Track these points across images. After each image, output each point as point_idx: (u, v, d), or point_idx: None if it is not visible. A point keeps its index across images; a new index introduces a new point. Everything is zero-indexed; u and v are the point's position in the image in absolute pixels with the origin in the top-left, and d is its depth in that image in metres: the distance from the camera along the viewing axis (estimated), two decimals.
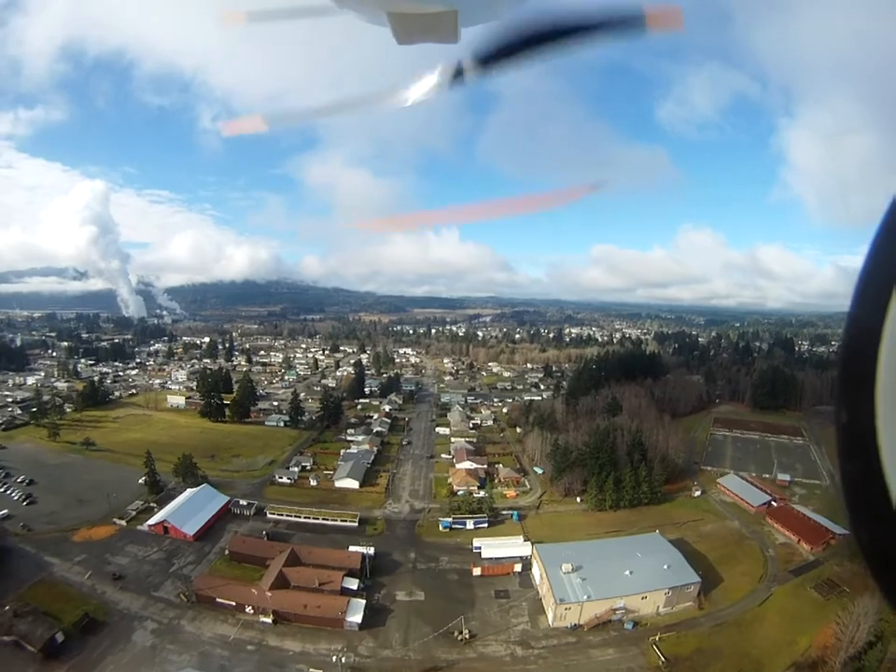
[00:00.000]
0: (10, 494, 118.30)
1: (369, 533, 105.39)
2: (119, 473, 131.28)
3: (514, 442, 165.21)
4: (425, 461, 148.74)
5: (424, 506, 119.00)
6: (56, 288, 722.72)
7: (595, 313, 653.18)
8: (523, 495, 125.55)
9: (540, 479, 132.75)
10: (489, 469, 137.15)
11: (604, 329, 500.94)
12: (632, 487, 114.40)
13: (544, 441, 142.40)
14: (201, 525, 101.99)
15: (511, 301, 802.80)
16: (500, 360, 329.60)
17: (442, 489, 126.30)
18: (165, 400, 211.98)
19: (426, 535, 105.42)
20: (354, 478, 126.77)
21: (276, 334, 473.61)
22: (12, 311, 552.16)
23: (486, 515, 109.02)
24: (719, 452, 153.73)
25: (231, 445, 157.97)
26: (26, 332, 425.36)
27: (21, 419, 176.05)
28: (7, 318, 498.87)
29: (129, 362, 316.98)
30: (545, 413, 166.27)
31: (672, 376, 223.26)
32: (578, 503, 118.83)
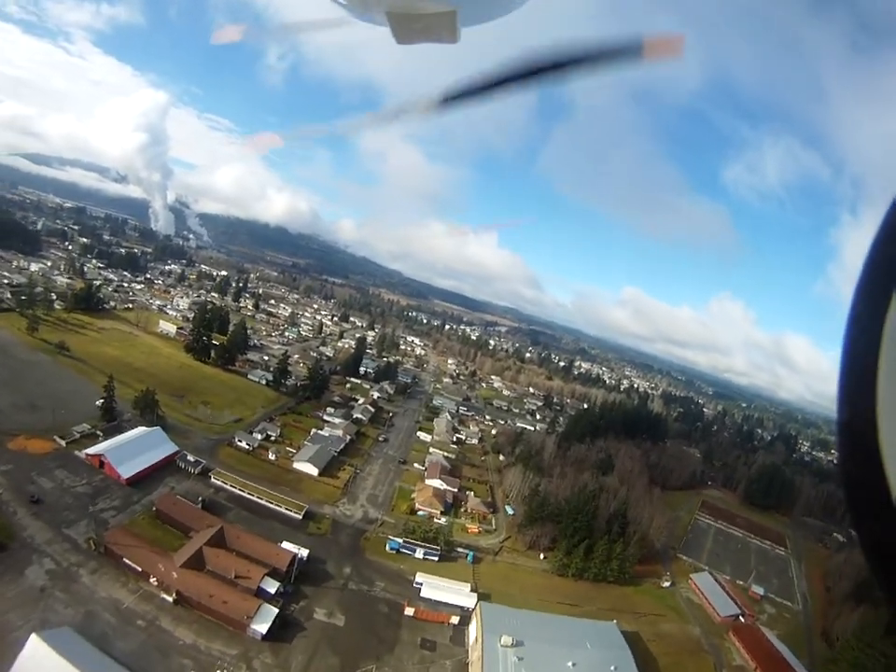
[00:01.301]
0: None
1: (310, 531, 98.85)
2: (80, 387, 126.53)
3: (493, 471, 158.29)
4: (395, 466, 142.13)
5: (378, 516, 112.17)
6: (94, 185, 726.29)
7: (609, 352, 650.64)
8: (485, 534, 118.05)
9: (509, 521, 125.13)
10: (459, 494, 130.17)
11: (614, 371, 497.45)
12: (602, 561, 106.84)
13: (524, 481, 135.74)
14: (138, 469, 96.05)
15: (531, 319, 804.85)
16: (504, 376, 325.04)
17: (403, 503, 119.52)
18: (157, 324, 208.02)
19: (369, 551, 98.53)
20: (314, 464, 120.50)
21: (293, 287, 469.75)
22: (45, 195, 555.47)
23: (440, 548, 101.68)
24: (699, 542, 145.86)
25: (203, 390, 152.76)
26: (51, 219, 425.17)
27: (7, 304, 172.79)
28: (38, 201, 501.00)
29: (138, 275, 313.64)
30: (533, 449, 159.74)
31: (670, 444, 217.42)
32: (540, 560, 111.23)
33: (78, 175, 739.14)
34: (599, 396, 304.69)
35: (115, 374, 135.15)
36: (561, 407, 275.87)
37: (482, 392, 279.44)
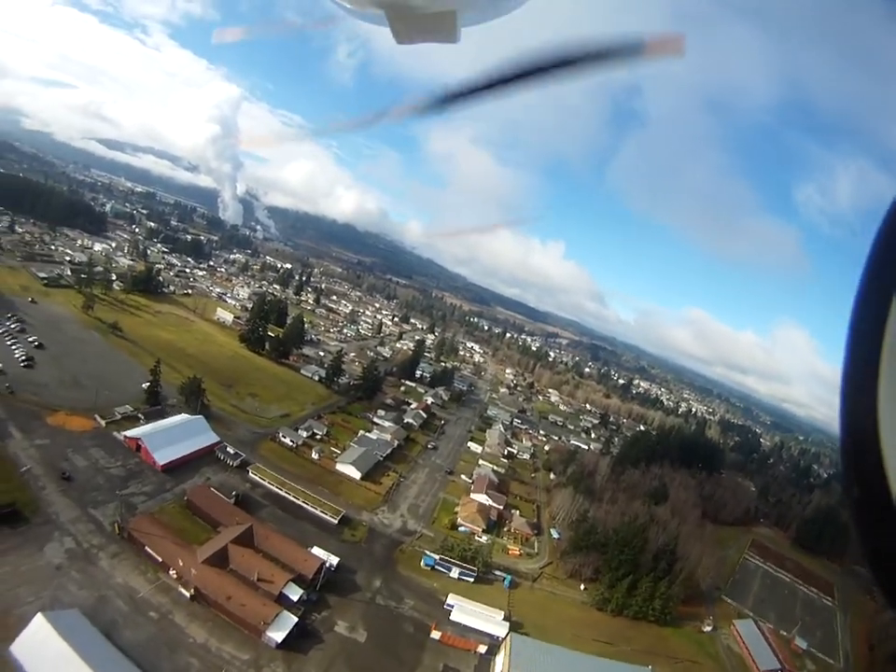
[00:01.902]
0: (14, 350, 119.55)
1: (344, 538, 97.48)
2: (128, 369, 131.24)
3: (542, 490, 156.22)
4: (442, 476, 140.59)
5: (417, 528, 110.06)
6: (166, 173, 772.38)
7: (668, 373, 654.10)
8: (526, 557, 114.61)
9: (552, 545, 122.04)
10: (504, 511, 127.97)
11: (672, 393, 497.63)
12: (644, 599, 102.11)
13: (573, 504, 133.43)
14: (175, 457, 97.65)
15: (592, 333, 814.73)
16: (562, 390, 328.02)
17: (445, 517, 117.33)
18: (214, 312, 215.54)
19: (403, 565, 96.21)
20: (357, 467, 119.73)
21: (356, 285, 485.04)
22: (117, 178, 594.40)
23: (477, 569, 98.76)
24: (745, 584, 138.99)
25: (253, 381, 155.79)
26: (120, 202, 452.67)
27: (66, 280, 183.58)
28: (110, 184, 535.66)
29: (202, 262, 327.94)
30: (586, 470, 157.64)
31: (726, 475, 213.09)
32: (580, 591, 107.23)
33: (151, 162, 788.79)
34: (657, 418, 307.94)
35: (165, 359, 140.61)
36: (617, 427, 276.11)
37: (538, 405, 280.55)
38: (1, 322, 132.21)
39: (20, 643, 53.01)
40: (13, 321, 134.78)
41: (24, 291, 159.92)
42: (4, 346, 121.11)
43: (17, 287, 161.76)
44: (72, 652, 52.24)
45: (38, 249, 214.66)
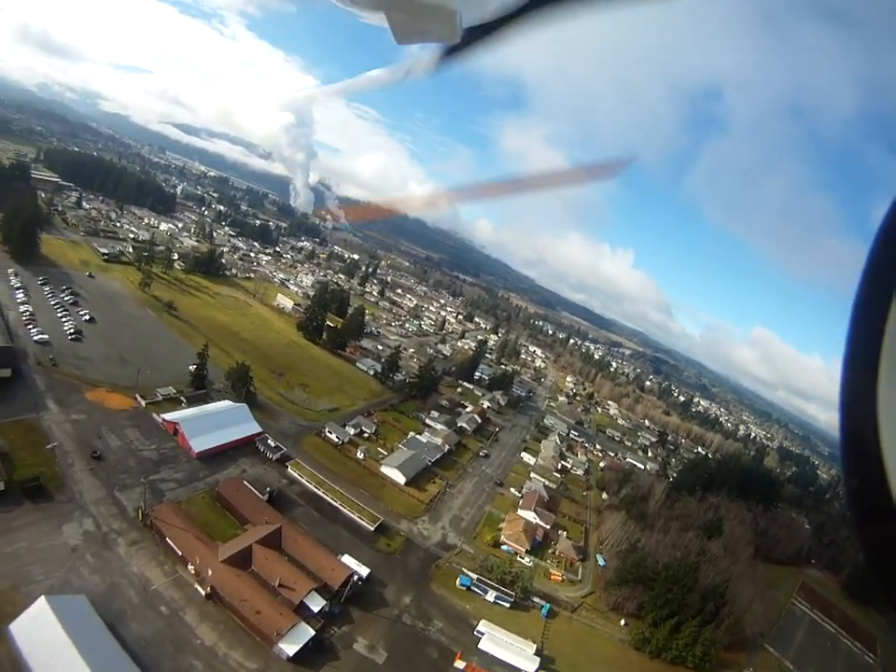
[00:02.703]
0: (64, 323, 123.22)
1: (379, 546, 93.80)
2: (177, 349, 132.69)
3: (593, 510, 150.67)
4: (490, 487, 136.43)
5: (457, 543, 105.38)
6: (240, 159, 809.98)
7: (728, 393, 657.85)
8: (568, 584, 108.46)
9: (597, 572, 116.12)
10: (551, 531, 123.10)
11: (731, 414, 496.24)
12: (686, 644, 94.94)
13: (624, 531, 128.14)
14: (212, 445, 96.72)
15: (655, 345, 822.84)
16: (621, 403, 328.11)
17: (489, 533, 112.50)
18: (275, 297, 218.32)
19: (438, 582, 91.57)
20: (403, 472, 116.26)
21: (422, 280, 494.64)
22: (191, 162, 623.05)
23: (514, 595, 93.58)
24: (790, 632, 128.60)
25: (306, 371, 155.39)
26: (192, 185, 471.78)
27: (127, 257, 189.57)
28: (183, 167, 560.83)
29: (268, 247, 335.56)
30: (640, 493, 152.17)
31: (781, 509, 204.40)
32: (620, 626, 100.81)
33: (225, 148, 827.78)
34: (715, 441, 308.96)
35: (217, 342, 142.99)
36: (675, 447, 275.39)
37: (596, 417, 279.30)
38: (55, 294, 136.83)
39: (19, 623, 52.05)
40: (67, 294, 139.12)
41: (83, 266, 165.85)
42: (54, 318, 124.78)
43: (76, 261, 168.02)
44: (68, 640, 50.70)
45: (103, 226, 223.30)
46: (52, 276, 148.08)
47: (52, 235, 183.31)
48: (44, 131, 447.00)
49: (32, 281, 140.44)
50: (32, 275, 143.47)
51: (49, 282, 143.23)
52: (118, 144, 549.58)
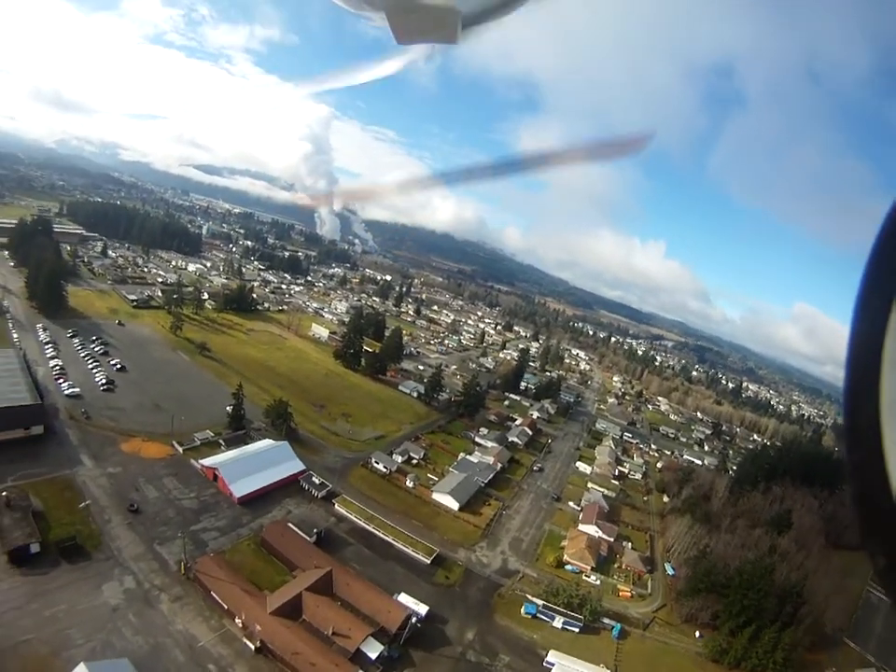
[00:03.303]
0: (95, 374, 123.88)
1: (437, 580, 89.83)
2: (213, 391, 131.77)
3: (655, 515, 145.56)
4: (548, 503, 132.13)
5: (519, 568, 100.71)
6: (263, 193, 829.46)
7: (777, 374, 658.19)
8: (638, 599, 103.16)
9: (667, 582, 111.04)
10: (615, 544, 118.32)
11: (782, 395, 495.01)
12: (765, 651, 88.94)
13: (690, 534, 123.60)
14: (254, 488, 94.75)
15: (697, 333, 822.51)
16: (671, 398, 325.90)
17: (551, 553, 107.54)
18: (309, 328, 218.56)
19: (501, 612, 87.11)
20: (456, 497, 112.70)
21: (457, 294, 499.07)
22: (215, 201, 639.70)
23: (584, 618, 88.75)
24: (868, 622, 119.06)
25: (347, 400, 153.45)
26: (218, 223, 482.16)
27: (156, 301, 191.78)
28: (208, 206, 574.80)
29: (299, 277, 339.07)
30: (701, 492, 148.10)
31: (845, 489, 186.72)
32: (695, 638, 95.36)
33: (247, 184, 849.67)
34: (770, 425, 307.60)
35: (254, 379, 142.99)
36: (731, 437, 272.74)
37: (647, 415, 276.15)
38: (85, 346, 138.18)
39: None
40: (97, 344, 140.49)
41: (112, 314, 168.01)
42: (85, 370, 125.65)
43: (105, 310, 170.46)
44: None
45: (130, 272, 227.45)
46: (81, 328, 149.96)
47: (79, 287, 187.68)
48: (66, 185, 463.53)
49: (61, 334, 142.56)
50: (60, 328, 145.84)
51: (79, 333, 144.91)
52: (140, 191, 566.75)
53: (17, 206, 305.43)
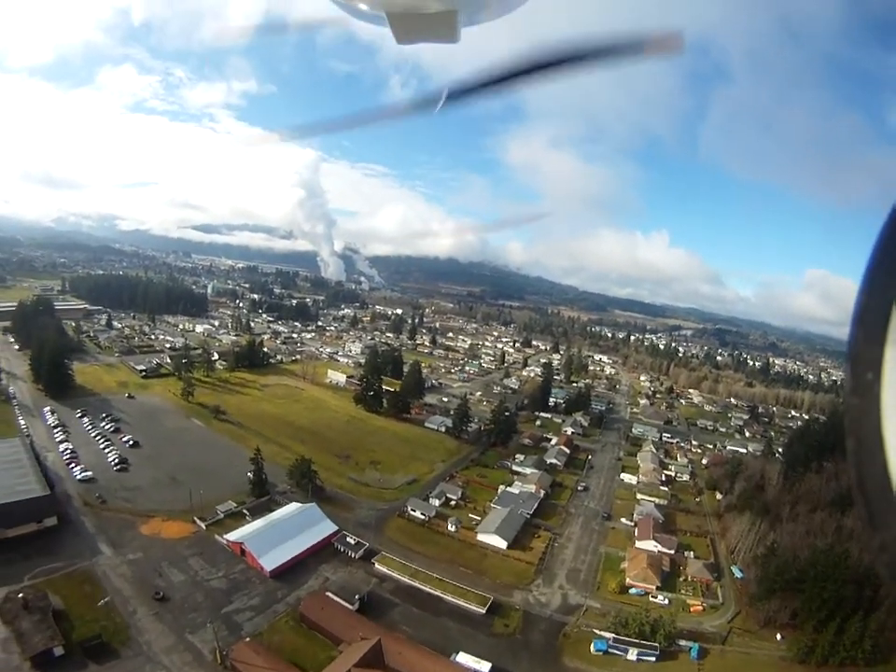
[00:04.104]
0: (107, 454, 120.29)
1: (496, 630, 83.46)
2: (231, 457, 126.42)
3: (712, 516, 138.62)
4: (598, 523, 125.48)
5: (580, 601, 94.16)
6: (263, 244, 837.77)
7: (799, 343, 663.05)
8: (710, 611, 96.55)
9: (737, 586, 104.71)
10: (676, 556, 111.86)
11: (808, 364, 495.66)
12: (852, 642, 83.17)
13: (753, 531, 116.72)
14: (285, 559, 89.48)
15: (714, 317, 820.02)
16: (701, 388, 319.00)
17: (611, 579, 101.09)
18: (326, 375, 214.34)
19: (569, 653, 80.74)
20: (502, 535, 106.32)
21: (470, 316, 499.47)
22: (218, 259, 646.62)
23: (658, 645, 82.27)
24: None
25: (374, 446, 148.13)
26: (222, 280, 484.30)
27: (166, 368, 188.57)
28: (211, 265, 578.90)
29: (309, 324, 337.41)
30: (754, 483, 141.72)
31: None
32: (777, 642, 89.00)
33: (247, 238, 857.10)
34: (806, 399, 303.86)
35: (273, 437, 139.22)
36: (769, 418, 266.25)
37: (681, 410, 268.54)
38: (95, 424, 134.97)
39: None
40: (108, 421, 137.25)
41: (121, 387, 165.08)
42: (96, 450, 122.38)
43: (113, 384, 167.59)
44: None
45: (137, 342, 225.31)
46: (90, 406, 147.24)
47: (86, 363, 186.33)
48: (67, 261, 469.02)
49: (70, 415, 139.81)
50: (69, 409, 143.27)
51: (88, 412, 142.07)
52: (142, 258, 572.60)
53: (19, 288, 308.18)
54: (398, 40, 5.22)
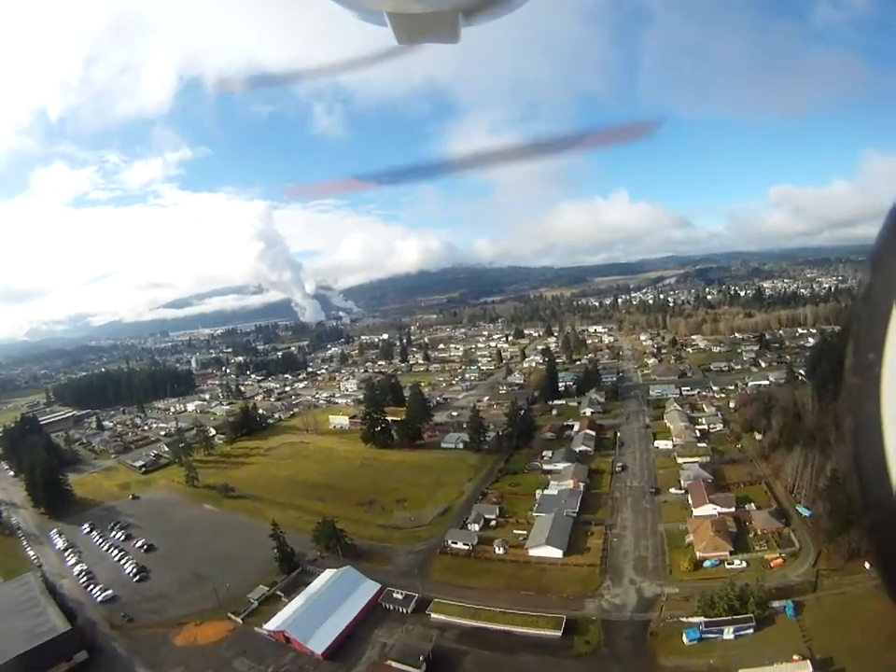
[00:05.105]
0: (123, 566, 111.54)
1: (578, 650, 74.79)
2: (251, 535, 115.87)
3: (758, 459, 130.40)
4: (648, 500, 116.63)
5: (657, 591, 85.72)
6: (237, 304, 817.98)
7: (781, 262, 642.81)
8: (791, 560, 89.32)
9: (808, 526, 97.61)
10: (739, 512, 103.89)
11: (797, 279, 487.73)
12: None
13: (810, 467, 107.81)
14: (334, 636, 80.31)
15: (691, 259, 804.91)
16: (703, 331, 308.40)
17: (681, 558, 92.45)
18: (327, 421, 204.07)
19: (663, 651, 72.62)
20: (555, 544, 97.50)
21: (456, 322, 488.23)
22: (196, 331, 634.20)
23: (753, 615, 74.89)
24: None
25: (395, 483, 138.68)
26: (205, 351, 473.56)
27: (165, 457, 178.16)
28: (190, 339, 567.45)
29: (299, 372, 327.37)
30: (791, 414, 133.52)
31: None
32: (868, 571, 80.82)
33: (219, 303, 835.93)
34: (808, 313, 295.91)
35: (289, 501, 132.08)
36: (780, 343, 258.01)
37: (691, 357, 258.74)
38: (105, 536, 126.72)
39: None
40: (117, 530, 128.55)
41: (124, 490, 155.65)
42: (112, 564, 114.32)
43: (115, 488, 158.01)
44: None
45: (131, 437, 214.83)
46: (96, 517, 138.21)
47: (83, 472, 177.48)
48: (48, 371, 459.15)
49: (77, 533, 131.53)
50: (75, 527, 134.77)
51: (96, 525, 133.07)
52: (121, 349, 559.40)
53: (5, 410, 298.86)
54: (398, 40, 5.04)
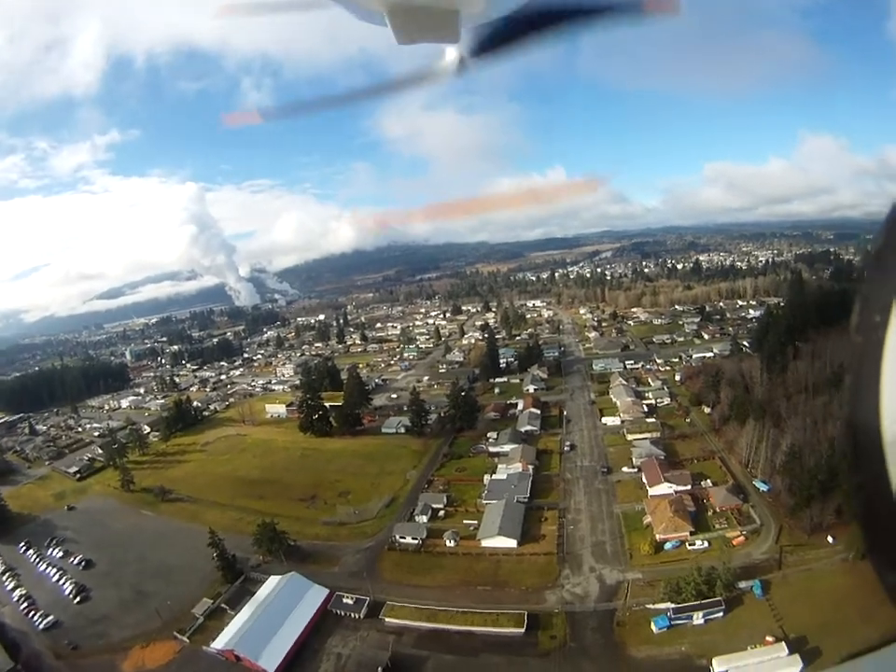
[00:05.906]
0: (63, 586, 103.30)
1: (544, 646, 71.75)
2: (191, 542, 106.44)
3: (709, 433, 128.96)
4: (600, 480, 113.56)
5: (619, 577, 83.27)
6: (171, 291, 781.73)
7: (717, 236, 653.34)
8: (752, 536, 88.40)
9: (767, 501, 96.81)
10: (695, 490, 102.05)
11: (733, 253, 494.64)
12: None
13: (765, 440, 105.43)
14: (285, 650, 75.04)
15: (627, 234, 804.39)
16: (643, 304, 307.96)
17: (641, 540, 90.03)
18: (264, 411, 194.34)
19: (632, 642, 70.39)
20: (508, 534, 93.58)
21: (393, 301, 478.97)
22: (130, 321, 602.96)
23: (721, 597, 73.53)
24: None
25: (337, 475, 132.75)
26: (139, 341, 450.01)
27: (99, 461, 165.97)
28: (124, 330, 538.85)
29: (235, 359, 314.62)
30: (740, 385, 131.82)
31: None
32: (831, 544, 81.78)
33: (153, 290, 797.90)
34: (747, 286, 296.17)
35: (228, 501, 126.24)
36: (720, 315, 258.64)
37: (633, 331, 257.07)
38: (42, 554, 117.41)
39: None
40: (53, 546, 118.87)
41: (58, 500, 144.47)
42: (51, 586, 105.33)
43: (49, 499, 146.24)
44: None
45: (65, 440, 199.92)
46: (32, 534, 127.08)
47: (17, 483, 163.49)
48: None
49: (14, 553, 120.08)
50: (11, 547, 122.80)
51: (31, 542, 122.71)
52: (55, 345, 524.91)
53: None
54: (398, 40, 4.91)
